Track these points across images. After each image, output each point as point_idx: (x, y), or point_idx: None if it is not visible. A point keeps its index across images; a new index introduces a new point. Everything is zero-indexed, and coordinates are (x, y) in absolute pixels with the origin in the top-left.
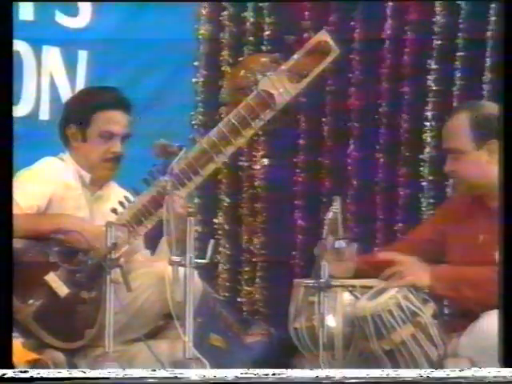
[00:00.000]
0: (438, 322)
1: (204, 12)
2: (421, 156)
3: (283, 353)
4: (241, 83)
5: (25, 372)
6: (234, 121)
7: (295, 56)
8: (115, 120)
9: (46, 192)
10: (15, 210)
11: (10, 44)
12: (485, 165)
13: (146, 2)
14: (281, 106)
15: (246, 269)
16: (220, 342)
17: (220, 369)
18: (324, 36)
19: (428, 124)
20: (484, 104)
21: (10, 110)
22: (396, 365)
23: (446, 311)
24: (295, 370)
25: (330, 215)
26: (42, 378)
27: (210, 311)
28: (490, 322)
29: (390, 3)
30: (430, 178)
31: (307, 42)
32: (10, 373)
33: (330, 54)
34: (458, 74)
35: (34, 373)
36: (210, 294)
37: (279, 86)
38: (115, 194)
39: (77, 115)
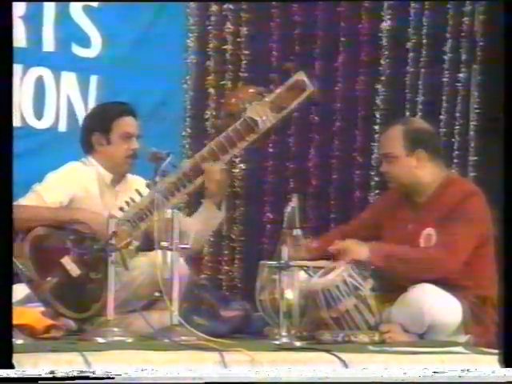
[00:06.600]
0: (375, 295)
1: (191, 44)
2: (370, 161)
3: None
4: (231, 110)
5: (25, 372)
6: (223, 141)
7: (277, 90)
8: (130, 123)
9: (69, 191)
10: (41, 205)
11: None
12: (413, 169)
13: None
14: (262, 130)
15: (226, 252)
16: (203, 322)
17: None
18: (301, 76)
19: (376, 136)
20: (415, 119)
21: (10, 120)
22: (341, 329)
23: (382, 286)
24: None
25: (288, 209)
26: (42, 378)
27: (195, 297)
28: (415, 294)
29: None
30: (376, 179)
31: (288, 79)
32: (10, 373)
33: (305, 90)
34: (406, 97)
35: (34, 373)
36: (196, 281)
37: (263, 114)
38: (130, 188)
39: (100, 123)
